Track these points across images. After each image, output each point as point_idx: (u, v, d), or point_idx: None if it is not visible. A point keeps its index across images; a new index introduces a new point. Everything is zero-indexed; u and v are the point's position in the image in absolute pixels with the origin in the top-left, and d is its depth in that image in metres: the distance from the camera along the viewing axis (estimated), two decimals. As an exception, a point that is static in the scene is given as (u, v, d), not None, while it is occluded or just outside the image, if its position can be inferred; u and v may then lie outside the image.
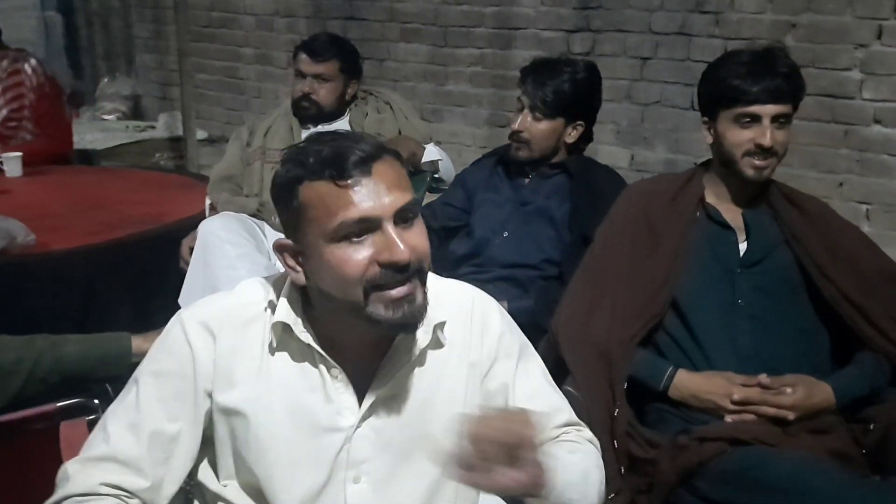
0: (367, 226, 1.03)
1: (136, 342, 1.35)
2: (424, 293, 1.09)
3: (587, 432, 1.25)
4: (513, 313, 2.05)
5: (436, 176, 2.61)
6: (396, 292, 1.05)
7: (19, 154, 3.02)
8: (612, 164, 3.19)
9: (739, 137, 1.64)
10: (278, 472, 1.11)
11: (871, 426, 1.58)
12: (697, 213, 1.74)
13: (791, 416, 1.55)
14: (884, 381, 1.63)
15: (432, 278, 1.24)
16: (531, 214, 2.17)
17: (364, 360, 1.13)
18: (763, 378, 1.56)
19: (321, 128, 2.59)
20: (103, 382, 1.32)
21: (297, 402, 1.11)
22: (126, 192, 2.88)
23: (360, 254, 1.04)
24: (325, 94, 2.56)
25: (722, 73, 1.66)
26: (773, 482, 1.39)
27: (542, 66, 2.16)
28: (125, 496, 1.08)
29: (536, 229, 2.15)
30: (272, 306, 1.13)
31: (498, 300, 2.06)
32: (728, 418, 1.57)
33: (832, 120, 2.72)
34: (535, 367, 1.28)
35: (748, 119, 1.63)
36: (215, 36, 4.51)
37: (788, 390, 1.57)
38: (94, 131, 4.41)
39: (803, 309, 1.69)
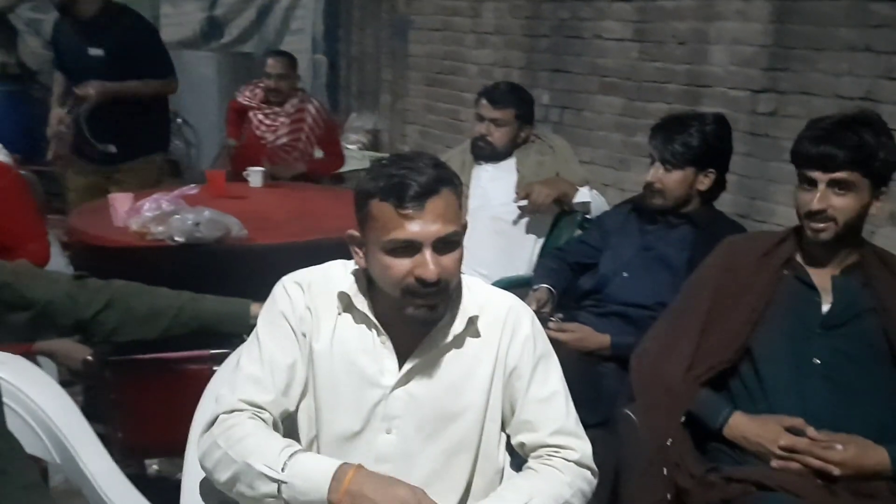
0: (410, 246, 1.31)
1: (254, 307, 1.73)
2: (446, 304, 1.37)
3: (574, 453, 1.42)
4: (614, 346, 2.23)
5: (587, 217, 2.81)
6: (422, 301, 1.33)
7: (262, 169, 3.70)
8: (789, 224, 3.16)
9: (800, 200, 1.72)
10: (327, 411, 1.41)
11: (933, 501, 1.55)
12: (785, 272, 1.79)
13: (836, 471, 1.56)
14: (952, 458, 1.58)
15: (482, 286, 1.50)
16: (652, 259, 2.31)
17: (409, 336, 1.40)
18: (811, 431, 1.60)
19: (491, 166, 2.92)
20: (227, 335, 1.71)
21: (351, 358, 1.40)
22: (333, 207, 3.37)
23: (401, 265, 1.31)
24: (499, 136, 2.87)
25: (800, 135, 1.73)
26: None
27: (671, 122, 2.30)
28: (257, 411, 1.35)
29: (654, 273, 2.28)
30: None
31: (605, 333, 2.26)
32: (774, 463, 1.62)
33: None
34: (553, 377, 1.47)
35: (808, 182, 1.69)
36: (445, 82, 5.03)
37: (839, 446, 1.58)
38: (335, 158, 5.06)
39: (887, 377, 1.69)
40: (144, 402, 1.83)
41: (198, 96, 5.50)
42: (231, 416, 1.35)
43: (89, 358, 1.97)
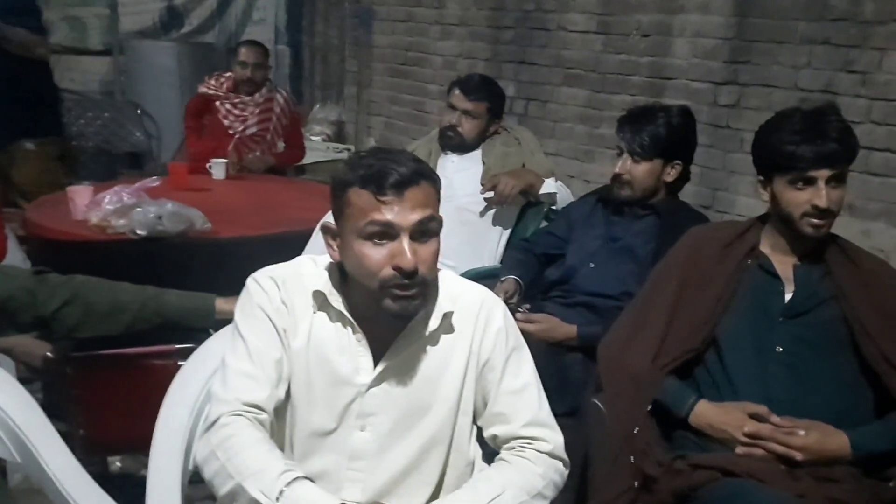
0: (388, 232, 1.29)
1: (219, 302, 1.71)
2: (423, 298, 1.34)
3: (546, 444, 1.43)
4: (581, 336, 2.25)
5: (553, 208, 2.82)
6: (401, 293, 1.30)
7: (225, 161, 3.65)
8: (750, 214, 3.21)
9: (797, 199, 1.70)
10: (300, 407, 1.39)
11: (892, 483, 1.58)
12: (749, 261, 1.81)
13: (799, 456, 1.59)
14: (911, 442, 1.62)
15: (455, 279, 1.50)
16: (618, 250, 2.32)
17: (384, 332, 1.38)
18: (771, 416, 1.63)
19: (457, 156, 2.91)
20: (192, 330, 1.69)
21: (326, 356, 1.38)
22: (298, 200, 3.36)
23: (378, 254, 1.30)
24: (469, 128, 2.85)
25: (775, 138, 1.72)
26: None
27: (638, 113, 2.31)
28: (255, 413, 1.33)
29: (620, 264, 2.30)
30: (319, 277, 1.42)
31: (571, 323, 2.27)
32: (739, 450, 1.65)
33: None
34: (526, 369, 1.47)
35: (803, 182, 1.68)
36: (409, 73, 5.01)
37: (801, 432, 1.61)
38: (298, 149, 5.01)
39: (847, 364, 1.71)
40: (107, 399, 1.79)
41: (158, 87, 5.40)
42: (230, 421, 1.31)
43: (49, 354, 1.93)
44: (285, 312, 1.39)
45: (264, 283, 1.41)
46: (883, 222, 2.78)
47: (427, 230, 1.31)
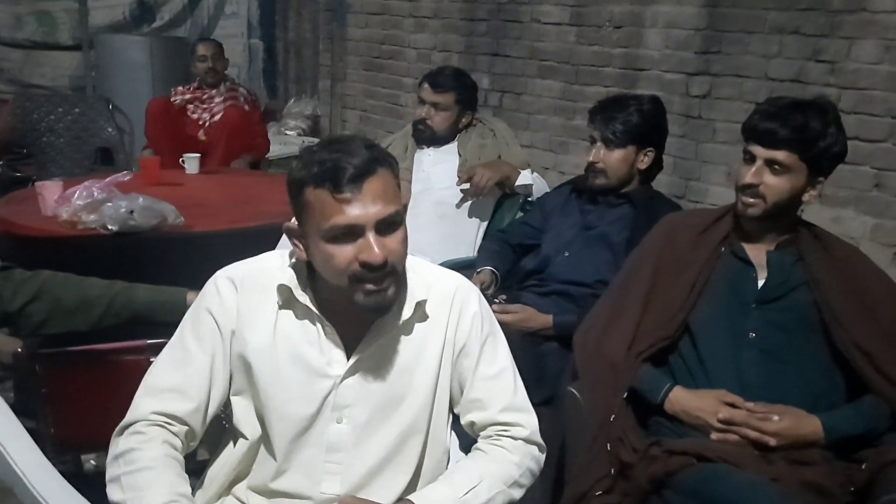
0: (352, 231, 1.26)
1: (191, 296, 1.69)
2: (396, 288, 1.32)
3: (523, 430, 1.43)
4: (557, 325, 2.25)
5: (529, 199, 2.82)
6: (371, 286, 1.29)
7: (198, 155, 3.62)
8: (723, 203, 3.24)
9: (740, 171, 1.76)
10: (275, 405, 1.37)
11: (864, 466, 1.60)
12: (723, 248, 1.83)
13: (773, 441, 1.61)
14: (881, 425, 1.64)
15: (428, 267, 1.49)
16: (592, 238, 2.33)
17: (356, 324, 1.37)
18: (743, 402, 1.64)
19: (433, 150, 2.91)
20: (163, 325, 1.66)
21: (296, 351, 1.36)
22: (272, 193, 3.32)
23: (345, 252, 1.27)
24: (439, 120, 2.85)
25: (754, 109, 1.76)
26: (721, 499, 1.47)
27: (609, 103, 2.33)
28: (169, 423, 1.33)
29: (595, 252, 2.31)
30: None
31: (547, 312, 2.28)
32: (713, 436, 1.66)
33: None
34: (501, 354, 1.47)
35: (749, 156, 1.73)
36: (384, 66, 4.99)
37: (775, 417, 1.63)
38: (275, 144, 5.00)
39: (818, 350, 1.73)
40: (78, 396, 1.76)
41: (130, 82, 5.34)
42: (143, 430, 1.31)
43: (20, 350, 1.90)
44: (234, 316, 1.37)
45: (220, 285, 1.39)
46: (852, 209, 2.81)
47: (392, 223, 1.29)
